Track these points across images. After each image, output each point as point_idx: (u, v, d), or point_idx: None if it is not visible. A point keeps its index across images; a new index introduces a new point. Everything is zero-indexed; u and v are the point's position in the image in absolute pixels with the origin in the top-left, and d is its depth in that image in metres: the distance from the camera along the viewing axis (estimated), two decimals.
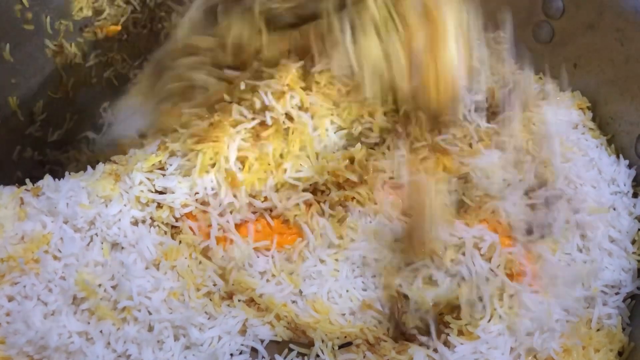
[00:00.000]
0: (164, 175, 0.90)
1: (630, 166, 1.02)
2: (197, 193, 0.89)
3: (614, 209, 0.98)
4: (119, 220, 0.87)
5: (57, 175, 1.00)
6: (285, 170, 0.91)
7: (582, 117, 1.10)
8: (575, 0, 1.11)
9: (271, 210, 0.93)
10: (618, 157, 1.05)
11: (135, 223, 0.88)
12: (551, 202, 0.94)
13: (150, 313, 0.81)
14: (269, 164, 0.91)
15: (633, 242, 0.97)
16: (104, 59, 1.24)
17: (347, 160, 0.94)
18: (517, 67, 1.18)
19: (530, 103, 1.09)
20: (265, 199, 0.91)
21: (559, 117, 1.08)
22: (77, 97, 1.23)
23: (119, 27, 1.19)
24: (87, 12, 1.16)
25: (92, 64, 1.22)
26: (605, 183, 1.00)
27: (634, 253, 0.95)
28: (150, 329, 0.82)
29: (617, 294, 0.93)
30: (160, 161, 0.91)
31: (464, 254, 0.88)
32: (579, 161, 1.01)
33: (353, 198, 0.94)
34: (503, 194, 0.94)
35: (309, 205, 0.94)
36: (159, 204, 0.89)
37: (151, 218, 0.89)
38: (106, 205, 0.88)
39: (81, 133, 1.24)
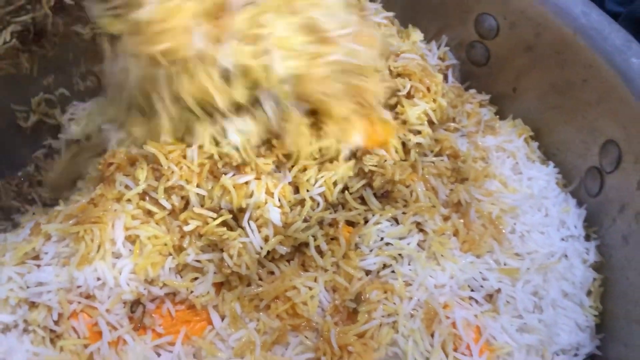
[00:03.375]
0: (38, 266, 0.75)
1: (580, 205, 0.92)
2: (79, 286, 0.74)
3: (566, 257, 0.87)
4: None
5: None
6: (188, 254, 0.77)
7: (525, 149, 0.99)
8: (509, 18, 1.00)
9: (174, 295, 0.79)
10: (566, 193, 0.94)
11: (4, 330, 0.73)
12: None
13: None
14: (166, 244, 0.77)
15: (588, 293, 0.86)
16: None
17: None
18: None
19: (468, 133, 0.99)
20: (165, 284, 0.77)
21: (499, 149, 0.98)
22: None
23: None
24: None
25: None
26: (554, 227, 0.89)
27: (590, 307, 0.85)
28: None
29: (575, 355, 0.83)
30: (34, 248, 0.76)
31: (397, 331, 0.76)
32: (524, 203, 0.90)
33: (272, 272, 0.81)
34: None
35: (219, 285, 0.80)
36: (33, 303, 0.74)
37: (24, 322, 0.74)
38: None
39: None
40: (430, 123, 0.91)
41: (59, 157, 1.06)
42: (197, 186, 0.79)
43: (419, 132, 0.89)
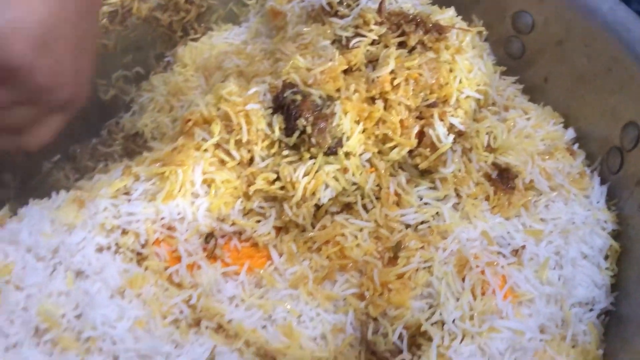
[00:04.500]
0: (129, 200, 0.89)
1: (602, 182, 1.02)
2: (162, 218, 0.88)
3: (586, 225, 0.97)
4: (83, 248, 0.86)
5: None
6: (253, 202, 0.90)
7: (555, 133, 1.09)
8: (544, 15, 1.11)
9: (240, 234, 0.91)
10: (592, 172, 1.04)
11: (100, 250, 0.87)
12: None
13: (114, 343, 0.80)
14: (236, 188, 0.90)
15: (606, 257, 0.96)
16: None
17: None
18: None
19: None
20: (234, 222, 0.90)
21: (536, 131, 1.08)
22: None
23: None
24: None
25: None
26: (578, 200, 0.99)
27: (606, 269, 0.95)
28: (115, 359, 0.80)
29: (591, 310, 0.93)
30: (125, 186, 0.90)
31: (432, 274, 0.87)
32: (555, 177, 1.00)
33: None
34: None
35: (278, 229, 0.92)
36: (124, 230, 0.87)
37: (116, 245, 0.87)
38: (70, 233, 0.86)
39: None
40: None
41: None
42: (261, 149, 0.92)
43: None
